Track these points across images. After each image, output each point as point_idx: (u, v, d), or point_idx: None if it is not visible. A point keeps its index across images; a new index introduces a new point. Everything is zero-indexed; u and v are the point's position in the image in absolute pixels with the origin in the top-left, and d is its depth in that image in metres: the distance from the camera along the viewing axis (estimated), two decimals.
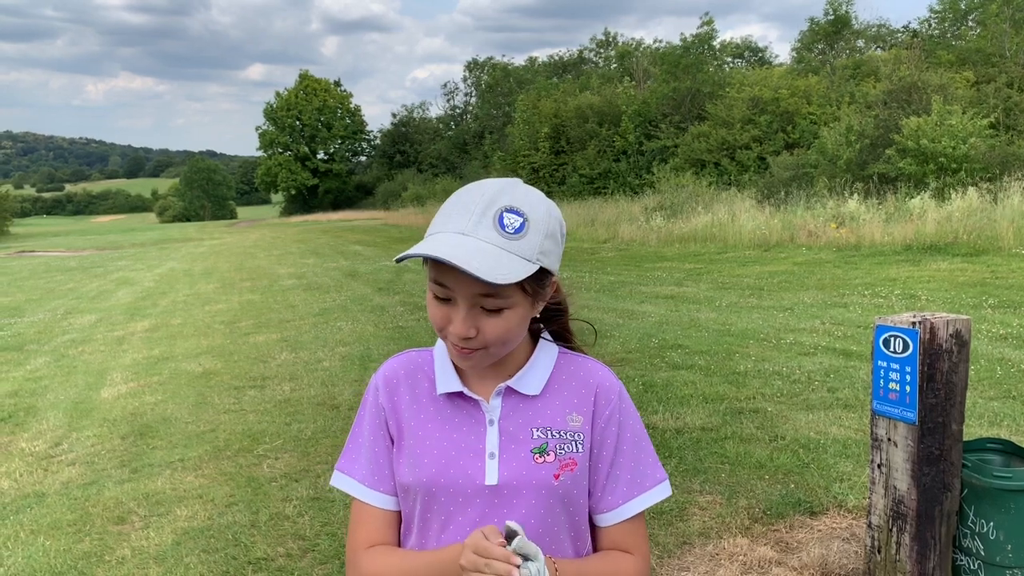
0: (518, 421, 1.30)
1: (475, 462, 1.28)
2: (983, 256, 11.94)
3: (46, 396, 7.34)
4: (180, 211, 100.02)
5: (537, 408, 1.31)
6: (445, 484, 1.28)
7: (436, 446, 1.30)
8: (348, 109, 76.64)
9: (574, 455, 1.30)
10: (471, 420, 1.31)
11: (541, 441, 1.29)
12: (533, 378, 1.32)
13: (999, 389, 5.65)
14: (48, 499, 4.72)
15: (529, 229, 1.19)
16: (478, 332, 1.21)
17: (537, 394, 1.31)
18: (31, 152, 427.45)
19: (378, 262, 19.60)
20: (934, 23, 36.10)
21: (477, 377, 1.33)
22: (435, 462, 1.29)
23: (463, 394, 1.31)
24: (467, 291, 1.18)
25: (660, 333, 8.41)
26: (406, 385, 1.36)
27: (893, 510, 2.87)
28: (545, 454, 1.28)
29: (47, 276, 21.03)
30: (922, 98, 19.67)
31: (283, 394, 6.87)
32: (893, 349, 2.80)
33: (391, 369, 1.39)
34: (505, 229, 1.17)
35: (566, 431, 1.30)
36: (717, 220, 18.44)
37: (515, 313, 1.22)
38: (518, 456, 1.28)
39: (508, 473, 1.27)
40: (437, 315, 1.23)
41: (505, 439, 1.29)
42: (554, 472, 1.28)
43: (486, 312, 1.20)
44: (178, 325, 11.18)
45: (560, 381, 1.34)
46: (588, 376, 1.35)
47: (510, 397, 1.31)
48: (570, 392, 1.33)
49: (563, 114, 39.94)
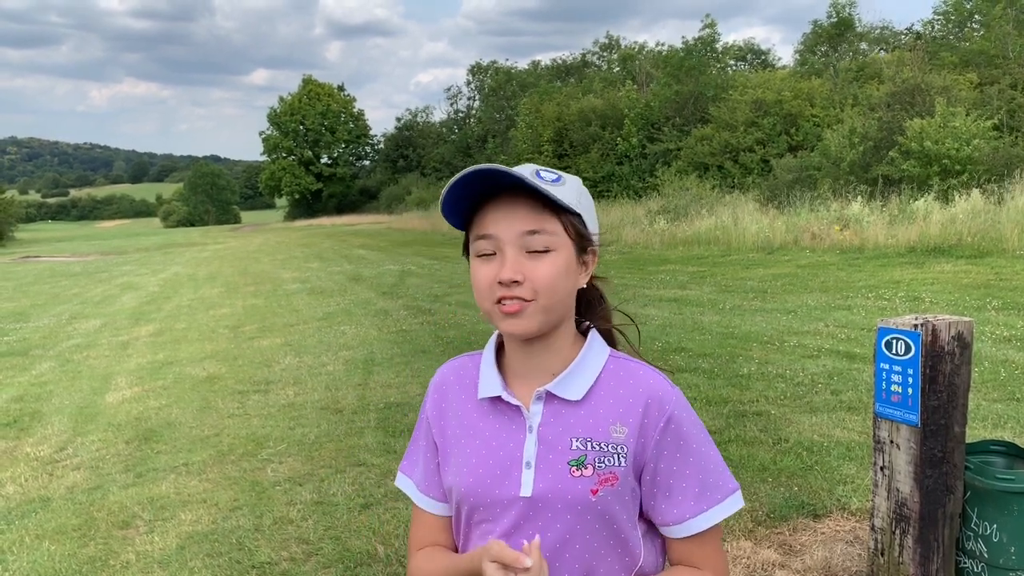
0: (558, 429, 1.24)
1: (512, 471, 1.24)
2: (987, 258, 11.92)
3: (51, 401, 7.36)
4: (184, 216, 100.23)
5: (579, 416, 1.25)
6: (483, 493, 1.25)
7: (475, 454, 1.28)
8: (352, 114, 76.78)
9: (615, 469, 1.22)
10: (511, 426, 1.27)
11: (580, 453, 1.22)
12: (575, 381, 1.25)
13: (1003, 391, 5.64)
14: (53, 504, 4.74)
15: (565, 181, 1.22)
16: (525, 278, 1.18)
17: (579, 399, 1.25)
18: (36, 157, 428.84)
19: (382, 266, 19.62)
20: (937, 25, 36.07)
21: (520, 380, 1.29)
22: (473, 471, 1.27)
23: (502, 399, 1.27)
24: (512, 230, 1.18)
25: (664, 336, 8.41)
26: (454, 391, 1.35)
27: (896, 513, 2.87)
28: (583, 467, 1.22)
29: (52, 281, 21.09)
30: (925, 100, 19.65)
31: (287, 398, 6.89)
32: (895, 351, 2.80)
33: (442, 375, 1.39)
34: (543, 179, 1.19)
35: (607, 443, 1.23)
36: (720, 223, 18.42)
37: (561, 256, 1.20)
38: (555, 468, 1.22)
39: (544, 485, 1.22)
40: (482, 274, 1.21)
41: (543, 448, 1.24)
42: (592, 487, 1.21)
43: (532, 257, 1.19)
44: (182, 329, 11.20)
45: (608, 387, 1.27)
46: (639, 384, 1.27)
47: (551, 402, 1.26)
48: (616, 400, 1.25)
49: (566, 117, 39.96)
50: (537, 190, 1.16)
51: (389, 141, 72.01)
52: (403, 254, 23.46)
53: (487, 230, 1.20)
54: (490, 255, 1.20)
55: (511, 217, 1.19)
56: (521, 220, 1.18)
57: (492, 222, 1.20)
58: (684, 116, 34.91)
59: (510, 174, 1.14)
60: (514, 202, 1.19)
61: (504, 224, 1.19)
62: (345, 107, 76.30)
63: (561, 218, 1.20)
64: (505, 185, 1.19)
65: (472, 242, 1.24)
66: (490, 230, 1.20)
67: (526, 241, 1.19)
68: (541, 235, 1.19)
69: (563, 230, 1.21)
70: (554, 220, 1.20)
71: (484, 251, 1.21)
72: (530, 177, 1.16)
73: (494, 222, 1.20)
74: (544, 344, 1.26)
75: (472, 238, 1.23)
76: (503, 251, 1.19)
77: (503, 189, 1.20)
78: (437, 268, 18.22)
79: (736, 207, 19.94)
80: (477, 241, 1.22)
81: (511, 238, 1.19)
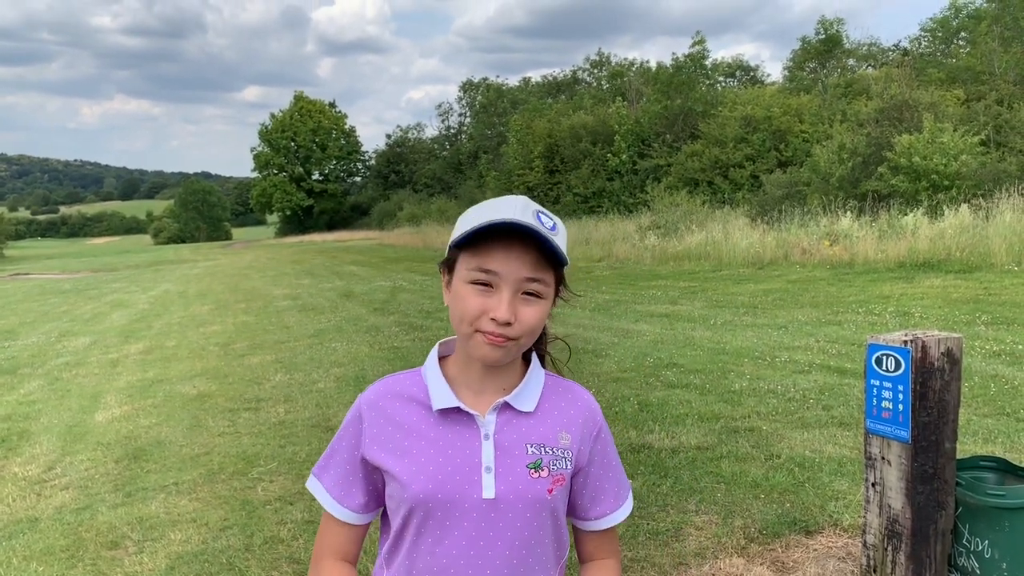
0: (512, 436, 1.35)
1: (472, 476, 1.32)
2: (976, 273, 11.99)
3: (39, 420, 7.30)
4: (175, 233, 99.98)
5: (531, 425, 1.37)
6: (443, 499, 1.32)
7: (432, 462, 1.33)
8: (343, 130, 76.98)
9: (564, 471, 1.37)
10: (465, 434, 1.35)
11: (536, 457, 1.35)
12: (528, 395, 1.38)
13: (993, 406, 5.66)
14: (41, 524, 4.69)
15: (559, 230, 1.30)
16: (516, 319, 1.26)
17: (531, 411, 1.38)
18: (26, 175, 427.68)
19: (373, 282, 19.60)
20: (924, 42, 36.45)
21: (472, 393, 1.37)
22: (432, 477, 1.32)
23: (459, 409, 1.35)
24: (515, 273, 1.26)
25: (655, 352, 8.41)
26: (395, 406, 1.39)
27: (888, 529, 2.87)
28: (540, 469, 1.34)
29: (41, 299, 20.99)
30: (913, 116, 19.83)
31: (278, 416, 6.85)
32: (885, 368, 2.81)
33: (376, 393, 1.42)
34: (544, 224, 1.27)
35: (557, 448, 1.37)
36: (711, 238, 18.50)
37: (546, 305, 1.31)
38: (514, 471, 1.33)
39: (505, 487, 1.32)
40: (474, 304, 1.27)
41: (500, 453, 1.34)
42: (548, 487, 1.34)
43: (524, 300, 1.28)
44: (172, 347, 11.15)
45: (550, 401, 1.41)
46: (576, 398, 1.45)
47: (504, 413, 1.36)
48: (560, 412, 1.41)
49: (557, 134, 40.17)
50: (547, 241, 1.25)
51: (380, 157, 72.22)
52: (394, 270, 23.45)
53: (492, 266, 1.26)
54: (486, 286, 1.27)
55: (519, 261, 1.26)
56: (527, 267, 1.26)
57: (500, 261, 1.26)
58: (674, 132, 35.13)
59: (537, 232, 1.23)
60: (524, 247, 1.26)
61: (510, 267, 1.26)
62: (336, 124, 76.49)
63: (556, 270, 1.31)
64: (519, 228, 1.24)
65: (468, 268, 1.28)
66: (495, 267, 1.26)
67: (524, 285, 1.27)
68: (538, 284, 1.28)
69: (554, 280, 1.32)
70: (550, 271, 1.30)
71: (481, 281, 1.27)
72: (541, 227, 1.24)
73: (502, 261, 1.26)
74: (499, 369, 1.37)
75: (470, 264, 1.28)
76: (501, 289, 1.26)
77: (515, 230, 1.25)
78: (428, 284, 18.21)
79: (726, 222, 20.04)
80: (477, 271, 1.27)
81: (512, 280, 1.26)
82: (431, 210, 46.85)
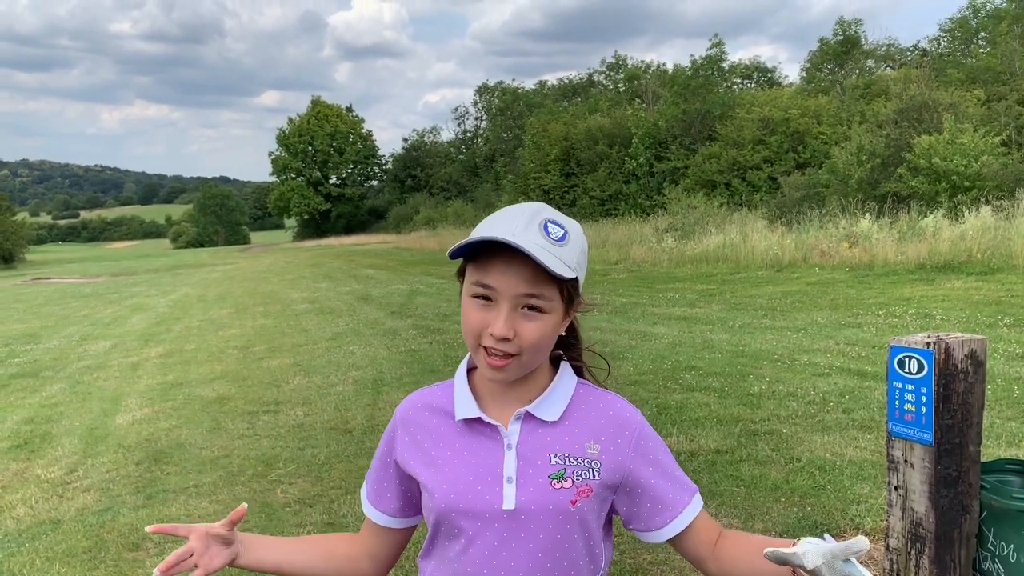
0: (536, 447, 1.33)
1: (493, 487, 1.31)
2: (998, 274, 11.86)
3: (61, 422, 7.38)
4: (194, 237, 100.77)
5: (555, 435, 1.35)
6: (464, 508, 1.32)
7: (455, 472, 1.34)
8: (360, 134, 77.24)
9: (590, 482, 1.33)
10: (489, 445, 1.34)
11: (559, 467, 1.32)
12: (552, 405, 1.36)
13: (1017, 409, 5.60)
14: (63, 526, 4.74)
15: (569, 240, 1.27)
16: (516, 335, 1.25)
17: (555, 420, 1.35)
18: (47, 180, 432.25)
19: (390, 285, 19.66)
20: (943, 42, 36.17)
21: (496, 404, 1.37)
22: (454, 487, 1.33)
23: (481, 420, 1.35)
24: (512, 289, 1.24)
25: (673, 355, 8.38)
26: (426, 416, 1.42)
27: (911, 533, 2.84)
28: (563, 480, 1.31)
29: (62, 303, 21.19)
30: (933, 117, 19.64)
31: (296, 419, 6.88)
32: (908, 370, 2.78)
33: (411, 403, 1.46)
34: (550, 236, 1.25)
35: (583, 458, 1.33)
36: (729, 241, 18.40)
37: (551, 319, 1.28)
38: (536, 481, 1.31)
39: (525, 498, 1.30)
40: (475, 319, 1.27)
41: (523, 464, 1.32)
42: (571, 498, 1.31)
43: (525, 315, 1.25)
44: (192, 350, 11.23)
45: (579, 410, 1.38)
46: (608, 407, 1.40)
47: (528, 423, 1.35)
48: (589, 421, 1.37)
49: (573, 136, 40.11)
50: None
51: (397, 161, 72.38)
52: (411, 273, 23.50)
53: (488, 281, 1.25)
54: (486, 300, 1.26)
55: (516, 278, 1.23)
56: (524, 283, 1.23)
57: (496, 276, 1.24)
58: (691, 134, 35.01)
59: (528, 252, 1.18)
60: (523, 261, 1.23)
61: (507, 283, 1.24)
62: (353, 128, 76.77)
63: (559, 285, 1.27)
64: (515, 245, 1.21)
65: (471, 282, 1.28)
66: (491, 282, 1.25)
67: (523, 300, 1.25)
68: (538, 299, 1.25)
69: (558, 295, 1.28)
70: (552, 287, 1.26)
71: (480, 295, 1.27)
72: (541, 247, 1.21)
73: (498, 277, 1.24)
74: (521, 380, 1.35)
75: (473, 277, 1.28)
76: (499, 304, 1.25)
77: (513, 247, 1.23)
78: (445, 287, 18.24)
79: (744, 225, 19.92)
80: (477, 286, 1.27)
81: (510, 296, 1.24)
82: (447, 213, 46.94)
